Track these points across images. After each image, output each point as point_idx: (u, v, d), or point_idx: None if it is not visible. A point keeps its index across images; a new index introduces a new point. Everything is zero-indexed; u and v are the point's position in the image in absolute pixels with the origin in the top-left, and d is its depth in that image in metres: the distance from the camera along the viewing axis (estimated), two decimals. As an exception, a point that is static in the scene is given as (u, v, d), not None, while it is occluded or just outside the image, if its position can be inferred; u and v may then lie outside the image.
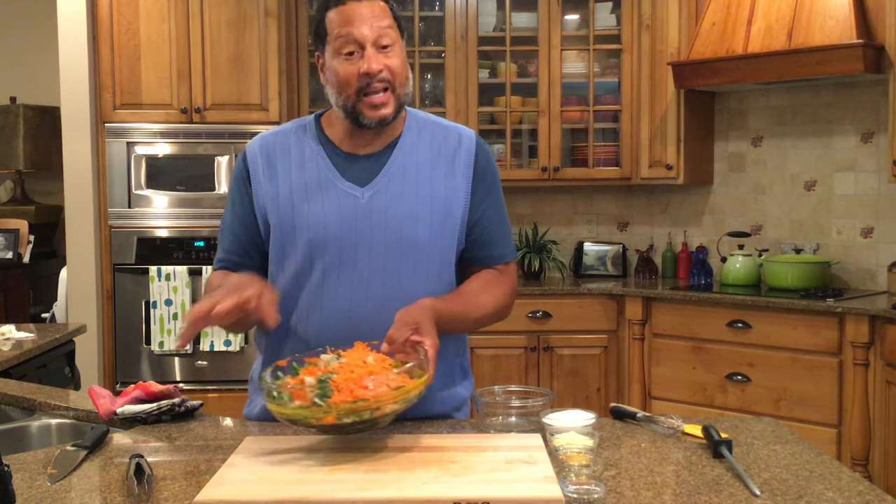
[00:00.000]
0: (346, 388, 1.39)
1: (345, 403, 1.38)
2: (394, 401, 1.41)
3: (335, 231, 1.71)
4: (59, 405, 2.02)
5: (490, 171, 1.84)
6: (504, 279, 1.82)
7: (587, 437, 1.47)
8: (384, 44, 1.68)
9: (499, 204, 1.84)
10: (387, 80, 1.69)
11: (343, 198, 1.72)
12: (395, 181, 1.74)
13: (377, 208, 1.72)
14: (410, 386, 1.43)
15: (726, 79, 4.06)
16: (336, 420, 1.39)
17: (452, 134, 1.82)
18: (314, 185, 1.74)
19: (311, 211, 1.72)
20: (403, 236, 1.72)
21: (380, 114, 1.70)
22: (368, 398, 1.38)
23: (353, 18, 1.67)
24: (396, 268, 1.72)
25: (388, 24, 1.69)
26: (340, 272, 1.71)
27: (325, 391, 1.40)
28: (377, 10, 1.69)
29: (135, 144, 4.36)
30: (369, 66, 1.66)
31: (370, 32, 1.67)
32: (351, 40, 1.67)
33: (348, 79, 1.68)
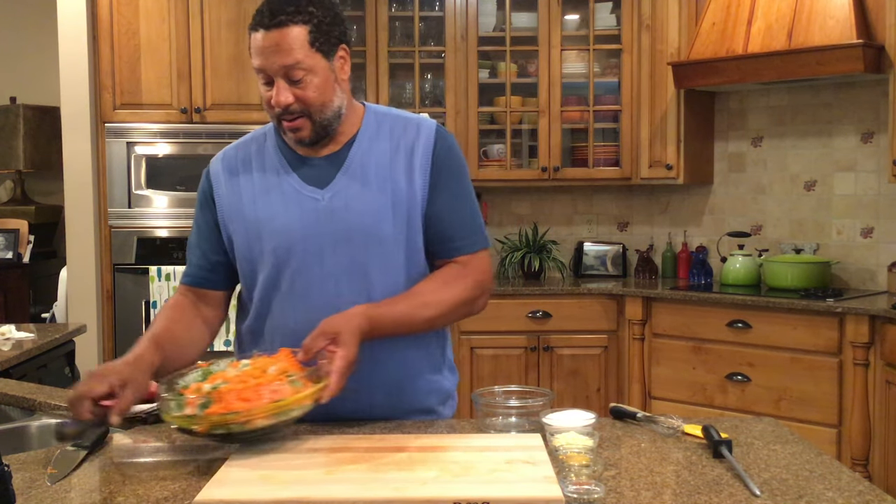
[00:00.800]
0: (226, 400, 1.41)
1: (215, 415, 1.40)
2: (265, 415, 1.42)
3: (299, 235, 1.72)
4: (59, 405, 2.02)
5: (450, 161, 1.79)
6: (467, 272, 1.77)
7: (587, 437, 1.47)
8: (295, 78, 1.66)
9: (461, 194, 1.80)
10: (298, 110, 1.68)
11: (304, 202, 1.73)
12: (354, 180, 1.74)
13: (338, 208, 1.72)
14: (290, 400, 1.43)
15: (726, 79, 4.06)
16: (208, 430, 1.42)
17: (412, 126, 1.80)
18: (276, 193, 1.75)
19: (274, 219, 1.74)
20: (367, 233, 1.72)
21: (297, 136, 1.72)
22: (239, 411, 1.40)
23: (263, 50, 1.65)
24: (364, 265, 1.73)
25: (295, 61, 1.64)
26: (309, 275, 1.73)
27: (206, 402, 1.42)
28: (285, 42, 1.64)
29: (135, 144, 4.36)
30: (276, 99, 1.67)
31: (275, 68, 1.65)
32: (261, 71, 1.67)
33: (266, 104, 1.71)
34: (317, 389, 1.49)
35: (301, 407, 1.46)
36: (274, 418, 1.43)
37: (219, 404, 1.41)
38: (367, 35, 4.64)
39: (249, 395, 1.42)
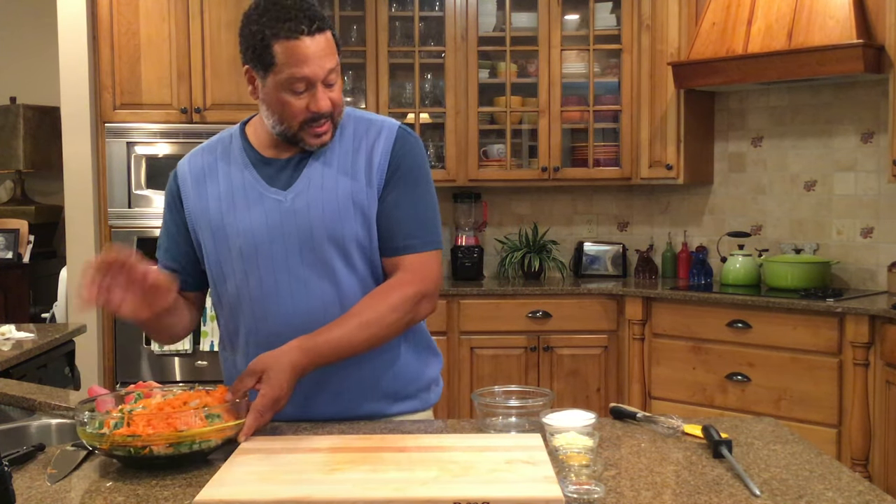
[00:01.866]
0: (135, 424, 1.44)
1: (119, 436, 1.44)
2: (164, 444, 1.44)
3: (264, 237, 1.74)
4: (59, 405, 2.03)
5: (408, 161, 1.78)
6: (405, 279, 1.74)
7: (587, 437, 1.47)
8: (330, 82, 1.70)
9: (414, 194, 1.78)
10: (330, 114, 1.72)
11: (268, 203, 1.75)
12: (315, 181, 1.75)
13: (301, 209, 1.73)
14: (192, 432, 1.46)
15: (726, 79, 4.06)
16: (109, 450, 1.45)
17: (374, 127, 1.81)
18: (241, 196, 1.77)
19: (239, 221, 1.75)
20: (329, 232, 1.73)
21: (321, 141, 1.74)
22: (140, 435, 1.43)
23: (306, 59, 1.65)
24: (328, 263, 1.74)
25: (334, 65, 1.70)
26: (277, 275, 1.74)
27: (119, 423, 1.46)
28: (325, 46, 1.68)
29: (135, 144, 4.36)
30: (318, 106, 1.69)
31: (321, 73, 1.68)
32: (302, 80, 1.67)
33: (295, 113, 1.70)
34: (224, 427, 1.51)
35: (204, 441, 1.48)
36: (173, 448, 1.45)
37: (127, 427, 1.45)
38: (367, 35, 4.64)
39: (157, 423, 1.45)
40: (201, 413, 1.49)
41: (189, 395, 1.58)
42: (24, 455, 1.56)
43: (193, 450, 1.47)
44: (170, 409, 1.51)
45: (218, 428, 1.50)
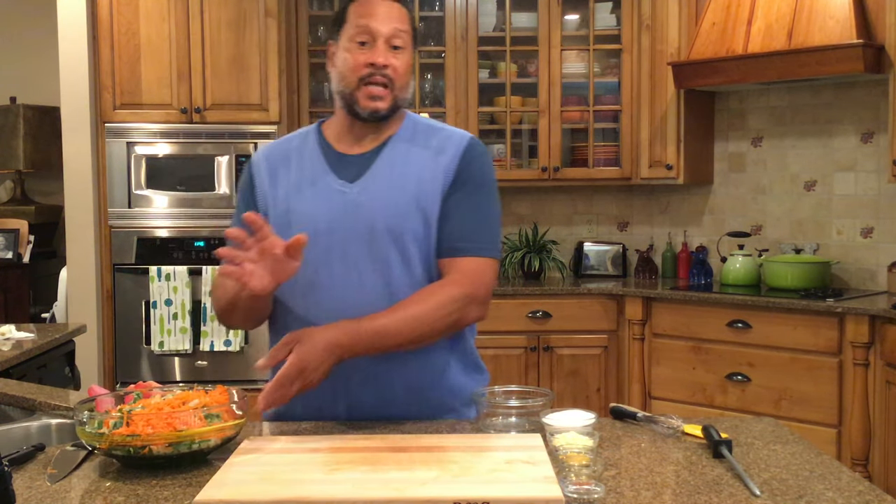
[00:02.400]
0: (134, 423, 1.45)
1: (118, 436, 1.44)
2: (163, 443, 1.44)
3: (325, 226, 1.76)
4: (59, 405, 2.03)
5: (475, 169, 1.81)
6: (458, 280, 1.74)
7: (587, 437, 1.47)
8: (396, 44, 1.77)
9: (478, 202, 1.80)
10: (389, 77, 1.76)
11: (333, 194, 1.78)
12: (382, 176, 1.79)
13: (364, 203, 1.76)
14: (190, 432, 1.46)
15: (726, 79, 4.06)
16: (108, 449, 1.46)
17: (445, 133, 1.86)
18: (307, 184, 1.81)
19: (303, 208, 1.79)
20: (390, 228, 1.75)
21: (374, 105, 1.77)
22: (139, 435, 1.43)
23: (374, 13, 1.77)
24: (386, 259, 1.75)
25: (403, 29, 1.79)
26: (332, 266, 1.76)
27: (118, 422, 1.46)
28: (397, 12, 1.79)
29: (135, 144, 4.36)
30: (376, 57, 1.75)
31: (386, 29, 1.76)
32: (366, 31, 1.75)
33: (354, 66, 1.76)
34: (223, 427, 1.51)
35: (203, 441, 1.48)
36: (172, 448, 1.45)
37: (126, 427, 1.45)
38: (367, 35, 4.64)
39: (156, 423, 1.45)
40: (200, 413, 1.49)
41: (188, 395, 1.58)
42: (24, 455, 1.56)
43: (193, 449, 1.47)
44: (169, 408, 1.51)
45: (217, 428, 1.50)
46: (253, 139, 4.38)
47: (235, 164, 4.36)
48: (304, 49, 4.66)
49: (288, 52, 4.52)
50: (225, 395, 1.59)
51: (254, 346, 4.37)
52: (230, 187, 4.37)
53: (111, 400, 1.62)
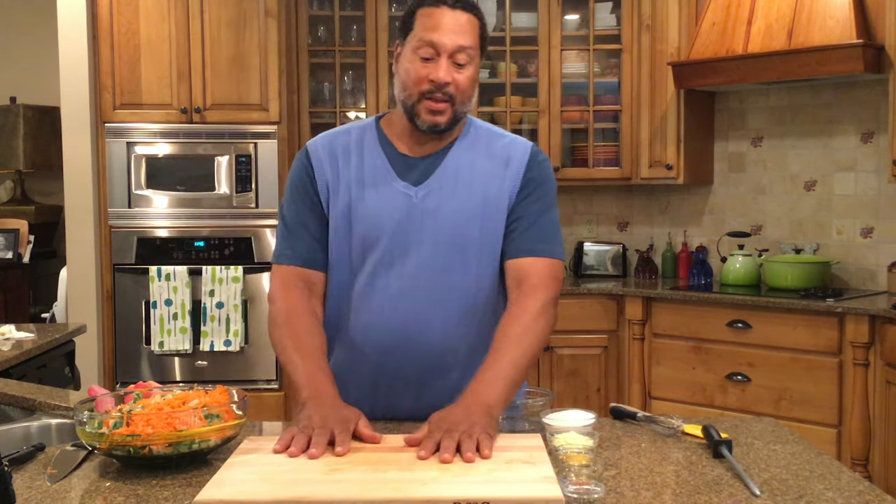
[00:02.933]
0: (135, 423, 1.45)
1: (118, 436, 1.44)
2: (163, 443, 1.44)
3: (388, 228, 1.75)
4: (59, 405, 2.03)
5: (541, 176, 1.82)
6: (532, 284, 1.74)
7: (587, 437, 1.47)
8: (459, 61, 1.72)
9: (546, 207, 1.82)
10: (450, 93, 1.72)
11: (397, 196, 1.76)
12: (447, 182, 1.77)
13: (429, 208, 1.75)
14: (190, 432, 1.46)
15: (726, 79, 4.06)
16: (108, 449, 1.46)
17: (509, 142, 1.84)
18: (370, 184, 1.78)
19: (366, 208, 1.76)
20: (453, 235, 1.75)
21: (435, 119, 1.73)
22: (139, 435, 1.44)
23: (440, 25, 1.71)
24: (445, 265, 1.75)
25: (469, 45, 1.72)
26: (391, 268, 1.75)
27: (118, 422, 1.46)
28: (465, 24, 1.72)
29: (135, 144, 4.36)
30: (437, 74, 1.70)
31: (450, 45, 1.70)
32: (430, 45, 1.70)
33: (416, 79, 1.72)
34: (223, 427, 1.51)
35: (203, 441, 1.48)
36: (172, 448, 1.45)
37: (126, 427, 1.45)
38: (367, 35, 4.65)
39: (156, 423, 1.45)
40: (200, 413, 1.49)
41: (188, 395, 1.58)
42: (24, 455, 1.56)
43: (193, 449, 1.47)
44: (169, 408, 1.51)
45: (217, 428, 1.50)
46: (253, 139, 4.38)
47: (235, 164, 4.36)
48: (304, 49, 4.65)
49: (288, 52, 4.51)
50: (225, 395, 1.59)
51: (254, 346, 4.37)
52: (230, 187, 4.37)
53: (111, 400, 1.62)
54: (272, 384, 4.40)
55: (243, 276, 4.32)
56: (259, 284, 4.37)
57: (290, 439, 1.49)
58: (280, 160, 4.38)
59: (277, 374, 4.40)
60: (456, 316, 1.77)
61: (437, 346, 1.75)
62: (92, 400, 1.62)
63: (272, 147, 4.38)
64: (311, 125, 4.70)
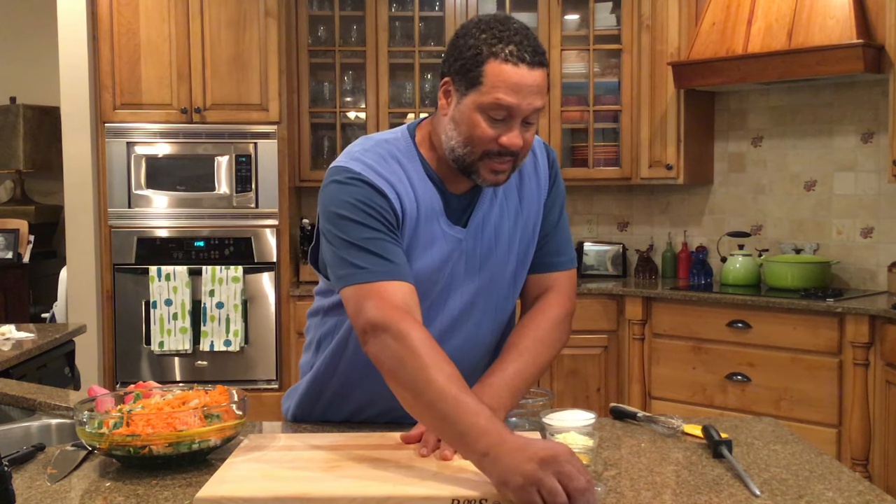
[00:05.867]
0: (135, 423, 1.45)
1: (118, 436, 1.44)
2: (163, 443, 1.44)
3: (440, 277, 1.65)
4: (59, 405, 2.03)
5: (560, 183, 1.79)
6: (554, 298, 1.75)
7: (587, 437, 1.47)
8: (530, 121, 1.58)
9: (561, 216, 1.79)
10: (516, 154, 1.59)
11: (450, 244, 1.65)
12: (488, 219, 1.68)
13: (472, 250, 1.68)
14: (191, 432, 1.46)
15: (726, 79, 4.06)
16: (108, 449, 1.46)
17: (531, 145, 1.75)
18: (427, 229, 1.63)
19: (422, 257, 1.63)
20: (492, 276, 1.71)
21: (497, 179, 1.61)
22: (139, 435, 1.43)
23: (519, 88, 1.53)
24: (482, 306, 1.72)
25: (541, 104, 1.57)
26: (432, 312, 1.65)
27: (118, 422, 1.46)
28: (540, 82, 1.56)
29: (135, 144, 4.36)
30: (511, 141, 1.55)
31: (527, 109, 1.55)
32: (505, 108, 1.53)
33: (483, 139, 1.55)
34: (223, 427, 1.51)
35: (203, 441, 1.48)
36: (172, 448, 1.45)
37: (126, 427, 1.45)
38: (367, 35, 4.65)
39: (156, 423, 1.45)
40: (200, 413, 1.49)
41: (188, 395, 1.58)
42: (24, 455, 1.56)
43: (193, 449, 1.47)
44: (169, 408, 1.51)
45: (217, 428, 1.50)
46: (253, 139, 4.38)
47: (235, 164, 4.36)
48: (304, 49, 4.65)
49: (288, 52, 4.52)
50: (225, 395, 1.60)
51: (254, 346, 4.37)
52: (230, 187, 4.37)
53: (111, 400, 1.62)
54: (272, 384, 4.40)
55: (243, 276, 4.32)
56: (259, 284, 4.37)
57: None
58: (280, 160, 4.39)
59: (277, 374, 4.40)
60: (490, 347, 1.76)
61: (467, 376, 1.54)
62: (92, 400, 1.62)
63: (272, 147, 4.38)
64: (311, 125, 4.71)
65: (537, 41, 1.57)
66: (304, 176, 4.68)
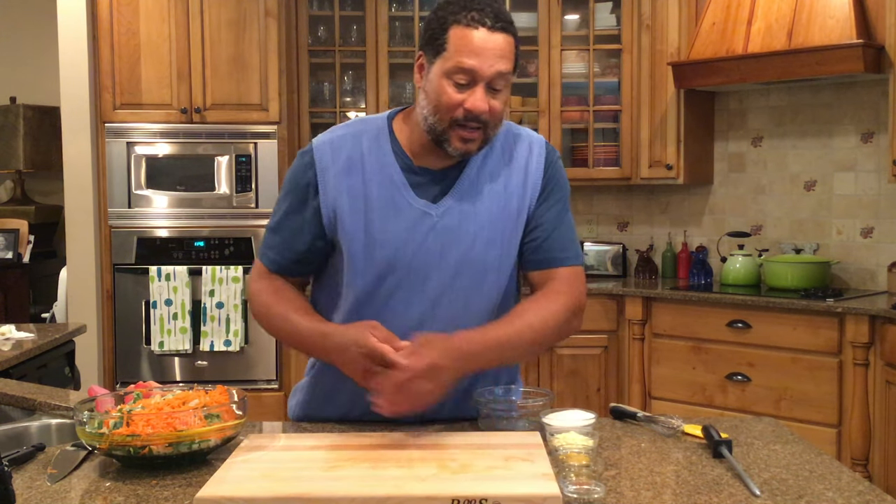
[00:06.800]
0: (134, 423, 1.45)
1: (118, 436, 1.44)
2: (163, 443, 1.44)
3: (409, 251, 1.66)
4: (59, 405, 2.03)
5: (558, 177, 1.76)
6: (563, 289, 1.70)
7: (587, 437, 1.47)
8: (496, 87, 1.62)
9: (563, 210, 1.76)
10: (485, 120, 1.62)
11: (417, 217, 1.67)
12: (466, 198, 1.69)
13: (449, 228, 1.67)
14: (190, 432, 1.46)
15: (726, 79, 4.06)
16: (108, 449, 1.46)
17: (523, 142, 1.76)
18: (387, 201, 1.67)
19: (385, 229, 1.66)
20: (473, 257, 1.69)
21: (466, 147, 1.64)
22: (139, 435, 1.44)
23: (481, 51, 1.58)
24: (464, 288, 1.70)
25: (508, 70, 1.62)
26: (409, 292, 1.67)
27: (118, 422, 1.46)
28: (505, 47, 1.61)
29: (135, 144, 4.36)
30: (475, 105, 1.60)
31: (490, 73, 1.59)
32: (467, 72, 1.59)
33: (450, 106, 1.61)
34: (223, 427, 1.51)
35: (203, 441, 1.48)
36: (172, 448, 1.45)
37: (126, 427, 1.45)
38: (367, 35, 4.65)
39: (156, 423, 1.45)
40: (200, 413, 1.49)
41: (188, 395, 1.58)
42: (24, 455, 1.56)
43: (193, 450, 1.47)
44: (169, 408, 1.51)
45: (217, 428, 1.50)
46: (253, 139, 4.38)
47: (235, 164, 4.36)
48: (304, 49, 4.65)
49: (288, 52, 4.51)
50: (225, 395, 1.60)
51: (254, 346, 4.37)
52: (230, 187, 4.37)
53: (111, 400, 1.62)
54: (272, 384, 4.40)
55: (243, 276, 4.32)
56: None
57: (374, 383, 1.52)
58: (280, 160, 4.39)
59: (277, 374, 4.40)
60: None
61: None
62: (92, 400, 1.62)
63: (272, 147, 4.38)
64: (311, 125, 4.70)
65: (502, 8, 1.63)
66: (304, 176, 4.67)
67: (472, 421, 1.74)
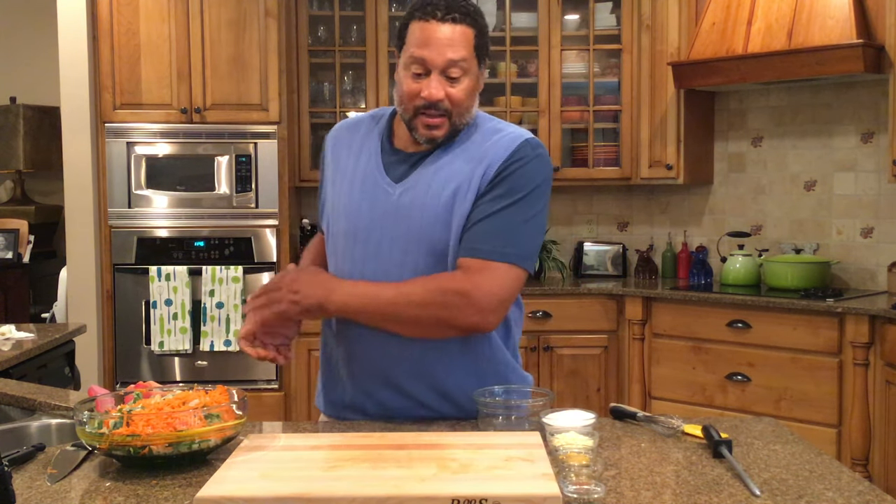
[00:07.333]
0: (135, 423, 1.45)
1: (118, 436, 1.44)
2: (163, 443, 1.44)
3: (365, 224, 1.77)
4: (59, 405, 2.03)
5: (516, 172, 1.71)
6: (460, 277, 1.66)
7: (587, 437, 1.47)
8: (452, 75, 1.70)
9: (504, 203, 1.70)
10: (445, 108, 1.71)
11: (379, 193, 1.77)
12: (423, 180, 1.74)
13: (404, 205, 1.74)
14: (190, 432, 1.46)
15: (726, 79, 4.06)
16: (108, 449, 1.46)
17: (500, 135, 1.76)
18: (359, 179, 1.81)
19: (350, 202, 1.80)
20: (424, 234, 1.73)
21: (431, 134, 1.73)
22: (139, 435, 1.44)
23: (431, 41, 1.68)
24: (416, 264, 1.73)
25: (461, 57, 1.69)
26: (365, 264, 1.77)
27: (118, 422, 1.46)
28: (457, 37, 1.69)
29: (135, 144, 4.36)
30: (429, 93, 1.69)
31: (440, 61, 1.68)
32: (420, 63, 1.69)
33: (409, 95, 1.72)
34: (223, 427, 1.51)
35: (203, 441, 1.48)
36: (172, 448, 1.45)
37: (126, 427, 1.45)
38: (367, 35, 4.65)
39: (156, 423, 1.45)
40: (200, 413, 1.49)
41: (188, 395, 1.58)
42: (24, 455, 1.56)
43: (193, 450, 1.47)
44: (169, 408, 1.51)
45: (217, 428, 1.50)
46: (253, 139, 4.38)
47: (235, 164, 4.36)
48: (304, 49, 4.65)
49: (288, 52, 4.51)
50: (225, 395, 1.60)
51: (254, 346, 4.36)
52: (230, 187, 4.37)
53: (111, 400, 1.62)
54: (272, 384, 4.40)
55: (243, 276, 4.32)
56: (259, 284, 4.36)
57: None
58: (280, 160, 4.39)
59: (277, 374, 4.40)
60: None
61: (409, 343, 1.72)
62: (92, 400, 1.62)
63: (272, 147, 4.38)
64: (311, 125, 4.71)
65: (460, 2, 1.71)
66: (304, 176, 4.69)
67: (472, 421, 1.74)
